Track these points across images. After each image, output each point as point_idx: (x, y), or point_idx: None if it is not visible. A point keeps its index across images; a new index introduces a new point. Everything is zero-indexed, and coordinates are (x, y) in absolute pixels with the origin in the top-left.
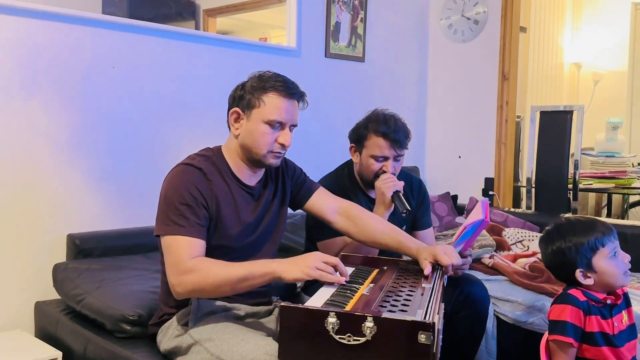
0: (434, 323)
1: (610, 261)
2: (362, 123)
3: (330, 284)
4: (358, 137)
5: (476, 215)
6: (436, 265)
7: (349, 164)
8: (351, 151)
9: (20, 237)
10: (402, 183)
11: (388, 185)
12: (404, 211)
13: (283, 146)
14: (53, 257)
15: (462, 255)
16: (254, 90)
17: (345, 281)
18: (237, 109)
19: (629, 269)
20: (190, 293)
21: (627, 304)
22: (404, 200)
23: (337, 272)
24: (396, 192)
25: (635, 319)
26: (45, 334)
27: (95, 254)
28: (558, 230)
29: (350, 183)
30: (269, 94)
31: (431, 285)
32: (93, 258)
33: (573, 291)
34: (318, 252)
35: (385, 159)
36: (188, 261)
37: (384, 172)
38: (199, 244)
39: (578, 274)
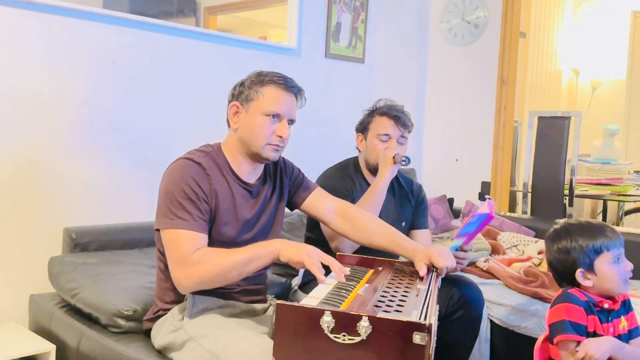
0: (430, 324)
1: (612, 266)
2: (368, 112)
3: (326, 282)
4: (364, 125)
5: (483, 210)
6: (431, 267)
7: (354, 158)
8: (358, 141)
9: (17, 230)
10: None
11: (390, 149)
12: (404, 159)
13: (281, 138)
14: (49, 251)
15: (462, 249)
16: (253, 84)
17: (342, 278)
18: (236, 102)
19: (629, 277)
20: (198, 285)
21: (626, 309)
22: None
23: (337, 270)
24: (397, 154)
25: None
26: (39, 327)
27: (91, 248)
28: (566, 229)
29: (355, 172)
30: (268, 87)
31: (426, 287)
32: (89, 252)
33: (573, 290)
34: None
35: (389, 138)
36: (192, 254)
37: None
38: (202, 238)
39: (578, 273)
